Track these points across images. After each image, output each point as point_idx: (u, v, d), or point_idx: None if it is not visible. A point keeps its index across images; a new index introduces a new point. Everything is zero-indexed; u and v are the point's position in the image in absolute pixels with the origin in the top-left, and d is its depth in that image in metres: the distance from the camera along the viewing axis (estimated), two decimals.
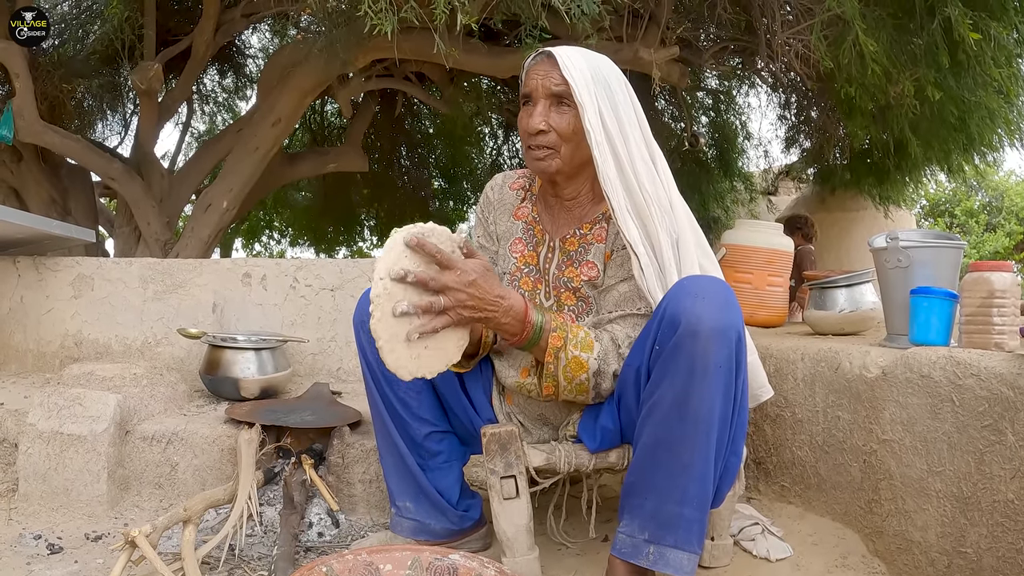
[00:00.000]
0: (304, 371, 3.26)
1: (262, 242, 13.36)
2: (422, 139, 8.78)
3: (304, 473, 2.23)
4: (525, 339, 1.64)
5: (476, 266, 1.56)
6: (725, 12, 4.22)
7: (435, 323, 1.51)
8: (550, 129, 1.73)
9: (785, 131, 6.48)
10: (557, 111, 1.73)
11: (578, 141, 1.73)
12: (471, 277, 1.53)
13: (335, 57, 4.24)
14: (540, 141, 1.74)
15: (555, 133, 1.73)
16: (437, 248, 1.52)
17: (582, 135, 1.72)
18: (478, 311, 1.55)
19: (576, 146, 1.74)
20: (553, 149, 1.74)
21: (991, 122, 4.34)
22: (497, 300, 1.57)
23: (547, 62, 1.74)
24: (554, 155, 1.75)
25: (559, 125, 1.72)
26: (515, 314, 1.60)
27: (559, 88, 1.71)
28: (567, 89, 1.70)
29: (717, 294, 1.51)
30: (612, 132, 1.72)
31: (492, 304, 1.56)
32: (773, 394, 1.95)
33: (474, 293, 1.53)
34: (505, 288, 1.61)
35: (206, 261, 3.40)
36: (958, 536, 1.67)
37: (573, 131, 1.72)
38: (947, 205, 17.78)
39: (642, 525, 1.58)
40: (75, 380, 2.56)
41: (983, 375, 1.64)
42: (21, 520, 2.24)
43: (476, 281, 1.53)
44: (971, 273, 1.85)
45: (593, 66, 1.74)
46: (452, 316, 1.53)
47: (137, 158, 5.80)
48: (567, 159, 1.75)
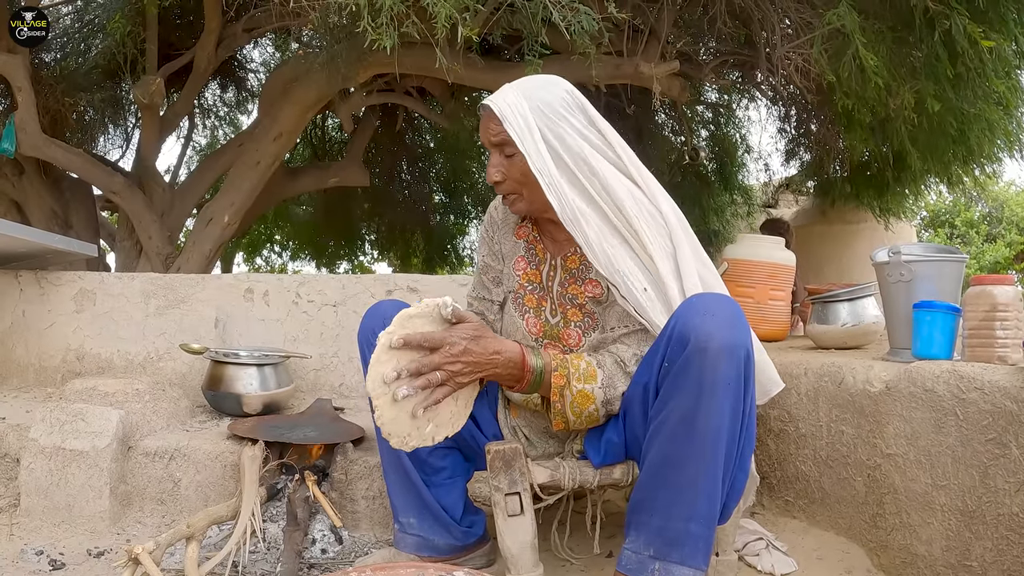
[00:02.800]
0: (306, 387, 3.26)
1: (263, 256, 13.38)
2: (423, 153, 8.78)
3: (307, 489, 2.22)
4: (527, 385, 1.67)
5: (464, 333, 1.59)
6: (725, 26, 4.23)
7: (435, 395, 1.56)
8: (504, 178, 1.78)
9: (785, 144, 6.49)
10: (507, 159, 1.77)
11: (533, 180, 1.74)
12: (461, 347, 1.56)
13: (336, 72, 4.25)
14: (501, 190, 1.81)
15: (511, 180, 1.78)
16: (421, 337, 1.55)
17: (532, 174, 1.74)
18: (476, 373, 1.60)
19: (536, 186, 1.75)
20: (516, 194, 1.80)
21: (991, 133, 4.34)
22: (493, 358, 1.61)
23: (485, 114, 1.78)
24: (519, 199, 1.80)
25: (511, 173, 1.77)
26: (513, 365, 1.63)
27: (498, 138, 1.75)
28: (505, 136, 1.73)
29: (726, 311, 1.52)
30: (570, 165, 1.74)
31: (488, 362, 1.60)
32: (784, 386, 1.94)
33: (467, 360, 1.57)
34: (500, 342, 1.63)
35: (208, 276, 3.40)
36: (963, 550, 1.67)
37: (525, 175, 1.75)
38: (947, 216, 17.80)
39: (648, 541, 1.57)
40: (77, 395, 2.56)
41: (987, 389, 1.64)
42: (23, 536, 2.24)
43: (467, 348, 1.57)
44: (973, 287, 1.85)
45: (535, 105, 1.74)
46: (451, 385, 1.58)
47: (139, 172, 5.81)
48: (531, 200, 1.80)
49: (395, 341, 1.54)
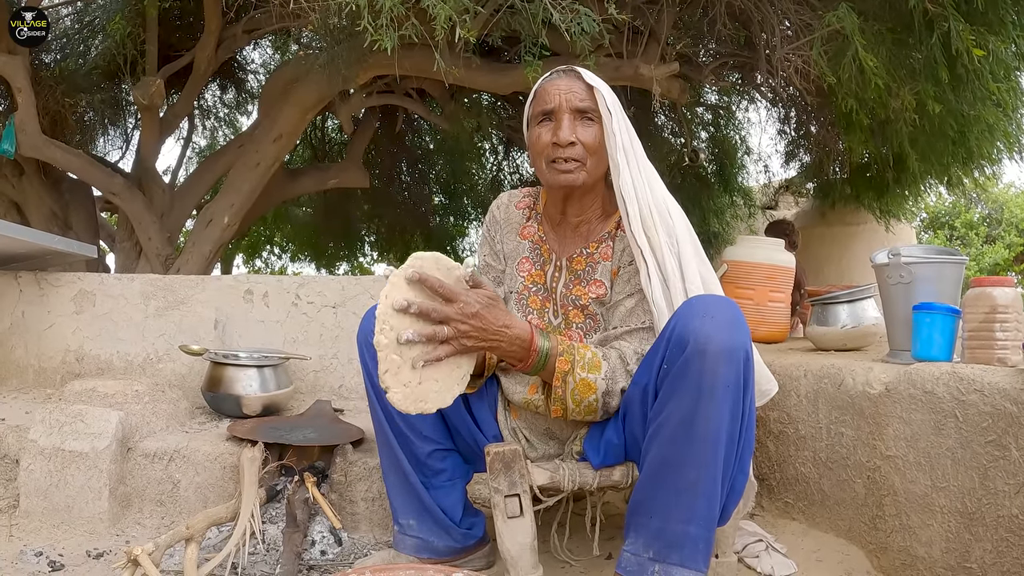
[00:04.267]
0: (306, 388, 3.26)
1: (263, 258, 13.37)
2: (423, 155, 8.78)
3: (307, 491, 2.22)
4: (531, 365, 1.65)
5: (480, 297, 1.57)
6: (725, 28, 4.23)
7: (438, 352, 1.53)
8: (578, 142, 1.77)
9: (785, 145, 6.49)
10: (582, 124, 1.77)
11: (601, 154, 1.79)
12: (474, 309, 1.55)
13: (336, 73, 4.25)
14: (570, 153, 1.77)
15: (582, 146, 1.77)
16: (439, 282, 1.53)
17: (604, 148, 1.77)
18: (482, 340, 1.58)
19: (599, 159, 1.79)
20: (580, 162, 1.78)
21: (990, 135, 4.35)
22: (501, 330, 1.59)
23: (568, 77, 1.80)
24: (581, 167, 1.78)
25: (586, 138, 1.77)
26: (520, 342, 1.62)
27: (584, 103, 1.76)
28: (591, 104, 1.76)
29: (726, 314, 1.52)
30: (627, 146, 1.78)
31: (496, 334, 1.58)
32: (778, 388, 1.97)
33: (477, 324, 1.55)
34: (510, 317, 1.62)
35: (208, 277, 3.41)
36: (963, 551, 1.67)
37: (599, 143, 1.78)
38: (947, 217, 17.79)
39: (647, 543, 1.57)
40: (77, 396, 2.56)
41: (986, 391, 1.64)
42: (22, 537, 2.24)
43: (479, 312, 1.55)
44: (973, 288, 1.86)
45: (607, 85, 1.80)
46: (455, 345, 1.55)
47: (138, 173, 5.82)
48: (592, 171, 1.80)
49: (411, 274, 1.51)
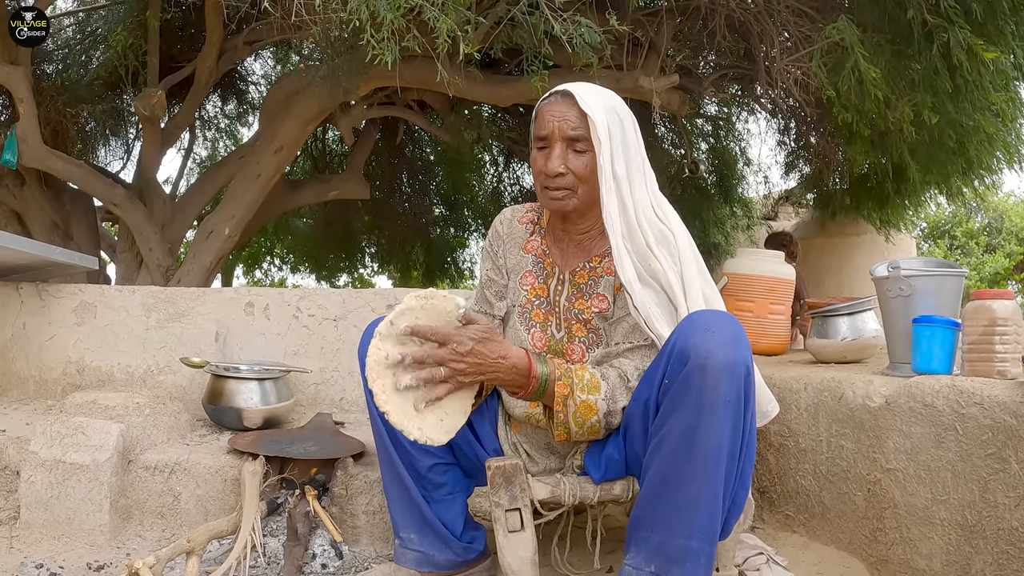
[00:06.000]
0: (307, 401, 3.25)
1: (263, 269, 13.37)
2: (423, 166, 8.80)
3: (308, 504, 2.22)
4: (531, 392, 1.66)
5: (473, 333, 1.60)
6: (724, 40, 4.26)
7: (438, 391, 1.58)
8: (567, 171, 1.76)
9: (784, 156, 6.51)
10: (574, 153, 1.76)
11: (593, 181, 1.77)
12: (467, 347, 1.58)
13: (337, 85, 4.27)
14: (559, 183, 1.77)
15: (572, 175, 1.77)
16: (431, 330, 1.57)
17: (597, 174, 1.76)
18: (480, 374, 1.61)
19: (592, 186, 1.78)
20: (570, 190, 1.78)
21: (989, 145, 4.37)
22: (498, 361, 1.61)
23: (564, 102, 1.77)
24: (571, 195, 1.79)
25: (576, 167, 1.76)
26: (518, 371, 1.64)
27: (575, 132, 1.75)
28: (583, 132, 1.74)
29: (726, 329, 1.52)
30: (620, 174, 1.77)
31: (493, 366, 1.61)
32: (779, 409, 1.97)
33: (472, 360, 1.59)
34: (507, 347, 1.64)
35: (209, 290, 3.41)
36: (963, 564, 1.66)
37: (590, 172, 1.76)
38: (947, 227, 17.81)
39: (648, 558, 1.57)
40: (78, 408, 2.56)
41: (986, 404, 1.64)
42: (23, 548, 2.24)
43: (474, 349, 1.58)
44: (973, 301, 1.86)
45: (608, 106, 1.77)
46: (453, 384, 1.59)
47: (139, 184, 5.82)
48: (584, 197, 1.79)
49: (402, 328, 1.54)
